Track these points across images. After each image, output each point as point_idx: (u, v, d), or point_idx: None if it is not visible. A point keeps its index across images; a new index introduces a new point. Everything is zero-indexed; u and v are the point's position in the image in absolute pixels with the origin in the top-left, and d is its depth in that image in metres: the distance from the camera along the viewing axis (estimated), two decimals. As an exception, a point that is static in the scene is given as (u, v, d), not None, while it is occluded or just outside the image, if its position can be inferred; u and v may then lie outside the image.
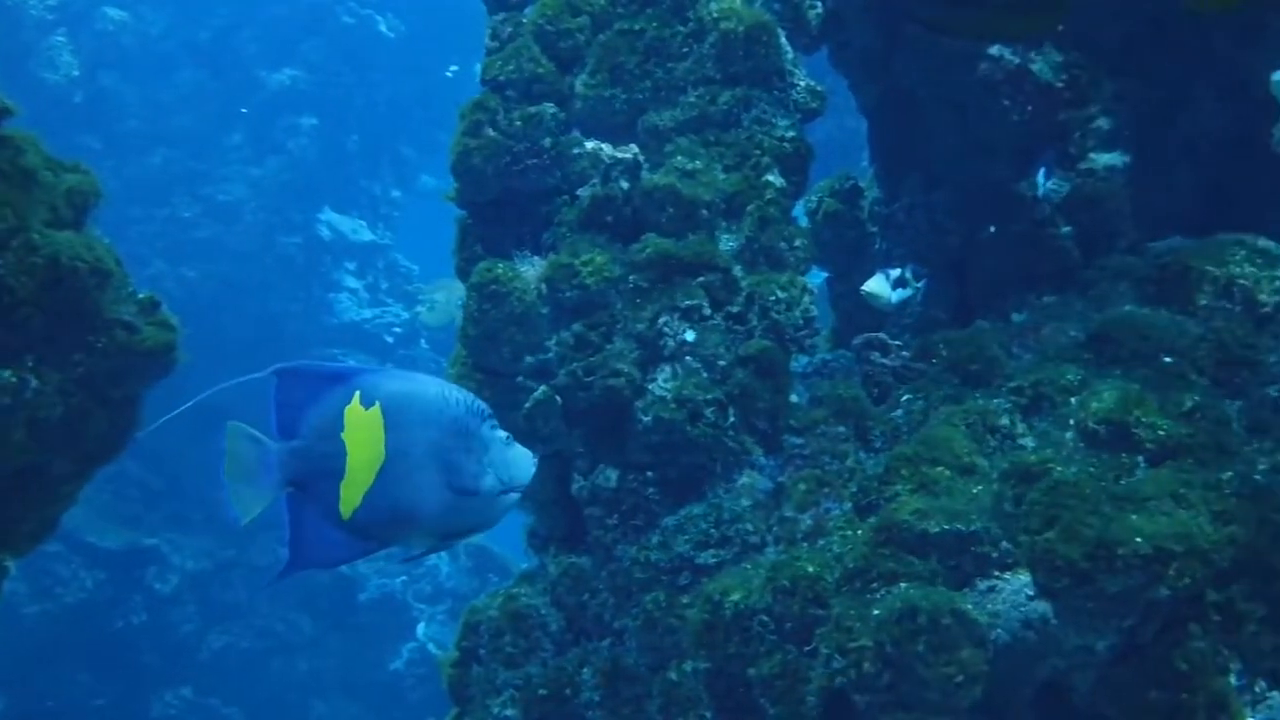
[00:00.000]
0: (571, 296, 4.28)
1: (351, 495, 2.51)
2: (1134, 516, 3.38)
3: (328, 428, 2.52)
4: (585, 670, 4.09)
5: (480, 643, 4.31)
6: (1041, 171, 4.89)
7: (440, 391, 2.62)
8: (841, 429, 4.18)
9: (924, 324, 5.14)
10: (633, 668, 4.00)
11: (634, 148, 4.50)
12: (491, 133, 4.52)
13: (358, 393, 2.53)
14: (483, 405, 2.66)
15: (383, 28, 15.10)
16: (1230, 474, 3.53)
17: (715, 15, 4.57)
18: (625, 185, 4.40)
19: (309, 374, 2.58)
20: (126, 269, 3.72)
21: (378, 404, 2.54)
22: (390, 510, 2.54)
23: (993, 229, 4.98)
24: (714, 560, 4.02)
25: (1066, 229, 4.93)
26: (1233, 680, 3.42)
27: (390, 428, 2.53)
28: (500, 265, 4.37)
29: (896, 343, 4.52)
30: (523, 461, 2.70)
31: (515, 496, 2.71)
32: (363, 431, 2.52)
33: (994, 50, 4.81)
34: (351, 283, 14.20)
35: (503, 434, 2.67)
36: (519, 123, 4.52)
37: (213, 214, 13.23)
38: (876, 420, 4.22)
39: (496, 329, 4.34)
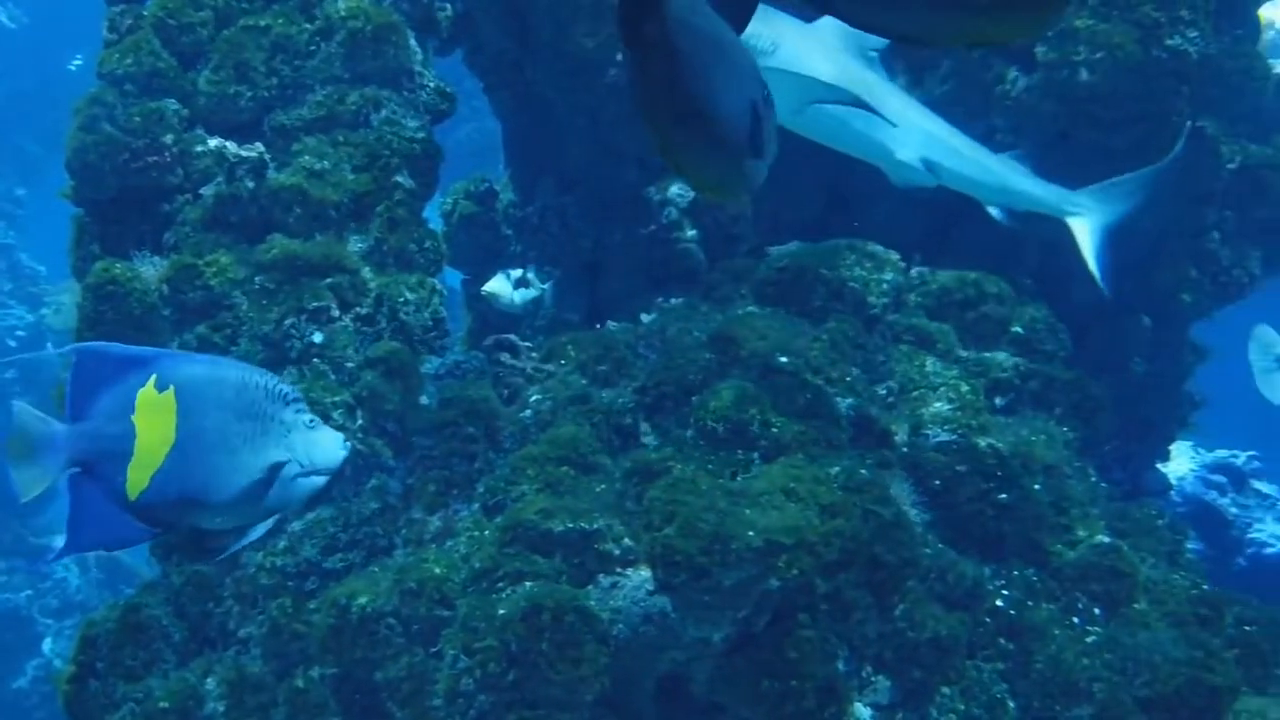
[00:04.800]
0: (195, 298, 4.17)
1: (139, 477, 2.57)
2: (748, 511, 3.49)
3: (119, 409, 2.57)
4: (209, 680, 3.98)
5: (98, 656, 4.14)
6: None
7: (240, 376, 2.68)
8: (471, 430, 4.19)
9: (556, 326, 5.21)
10: (258, 676, 3.92)
11: (260, 146, 4.42)
12: (109, 128, 4.35)
13: (153, 376, 2.58)
14: (286, 389, 2.72)
15: (3, 18, 14.41)
16: (838, 469, 3.69)
17: (343, 14, 4.52)
18: (251, 184, 4.32)
19: (109, 356, 2.63)
20: None
21: (172, 387, 2.58)
22: (179, 492, 2.60)
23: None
24: (342, 564, 3.99)
25: (692, 233, 5.07)
26: (841, 666, 3.58)
27: (183, 411, 2.58)
28: (118, 265, 4.22)
29: (527, 344, 4.56)
30: (327, 444, 2.77)
31: (320, 480, 2.77)
32: (153, 414, 2.57)
33: (621, 56, 4.91)
34: (-30, 284, 13.50)
35: (307, 417, 2.73)
36: (138, 119, 4.37)
37: None
38: (506, 421, 4.25)
39: (115, 331, 4.18)
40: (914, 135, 4.42)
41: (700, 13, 1.97)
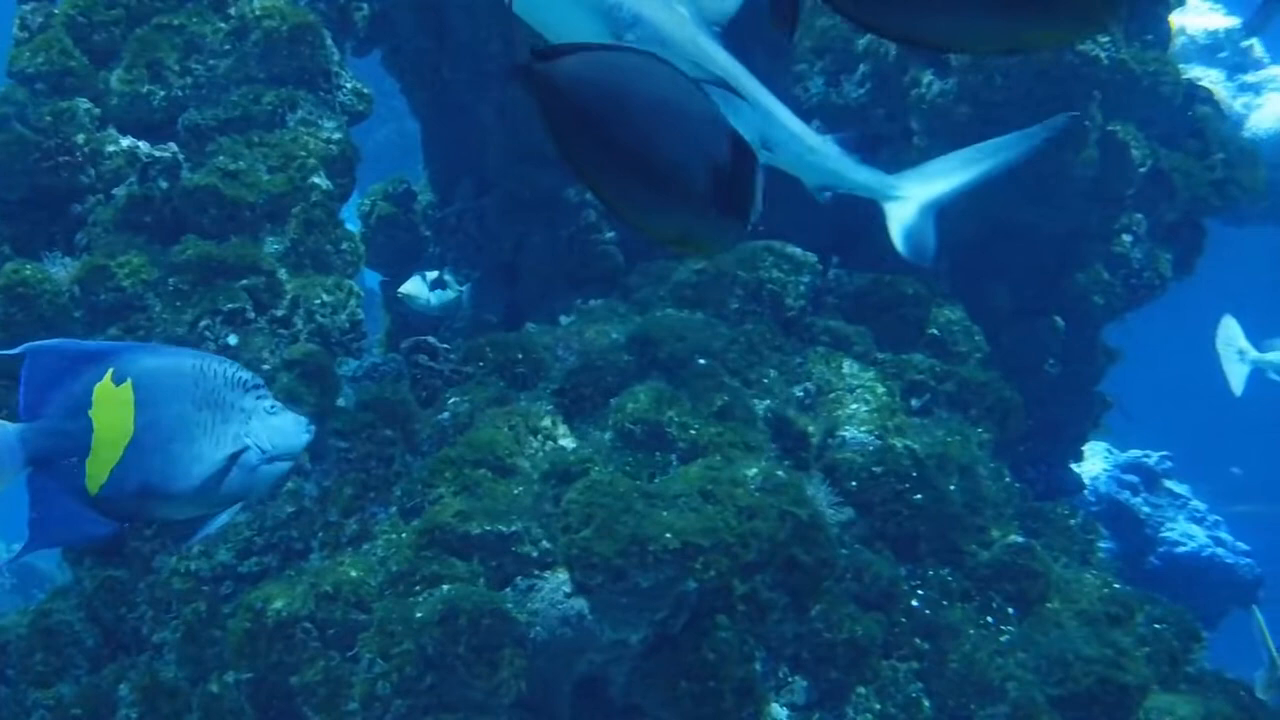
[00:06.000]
0: (107, 299, 4.12)
1: (98, 471, 2.58)
2: (665, 513, 3.50)
3: (75, 405, 2.57)
4: (122, 686, 3.94)
5: (9, 663, 4.08)
6: None
7: (198, 365, 2.67)
8: (389, 432, 4.16)
9: (475, 327, 5.19)
10: (172, 681, 3.87)
11: (174, 146, 4.37)
12: (19, 128, 4.29)
13: (110, 370, 2.58)
14: (246, 376, 2.71)
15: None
16: (755, 471, 3.71)
17: (258, 14, 4.48)
18: (164, 185, 4.27)
19: (63, 353, 2.62)
20: None
21: (129, 380, 2.58)
22: (139, 484, 2.60)
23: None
24: (258, 568, 3.95)
25: (610, 234, 5.07)
26: (758, 667, 3.60)
27: (140, 403, 2.58)
28: (29, 266, 4.16)
29: (445, 346, 4.54)
30: (289, 429, 2.78)
31: (285, 465, 2.78)
32: (111, 408, 2.57)
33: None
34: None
35: (268, 403, 2.73)
36: (49, 118, 4.31)
37: None
38: (424, 423, 4.22)
39: (25, 333, 4.12)
40: (755, 113, 4.39)
41: (636, 71, 1.91)
